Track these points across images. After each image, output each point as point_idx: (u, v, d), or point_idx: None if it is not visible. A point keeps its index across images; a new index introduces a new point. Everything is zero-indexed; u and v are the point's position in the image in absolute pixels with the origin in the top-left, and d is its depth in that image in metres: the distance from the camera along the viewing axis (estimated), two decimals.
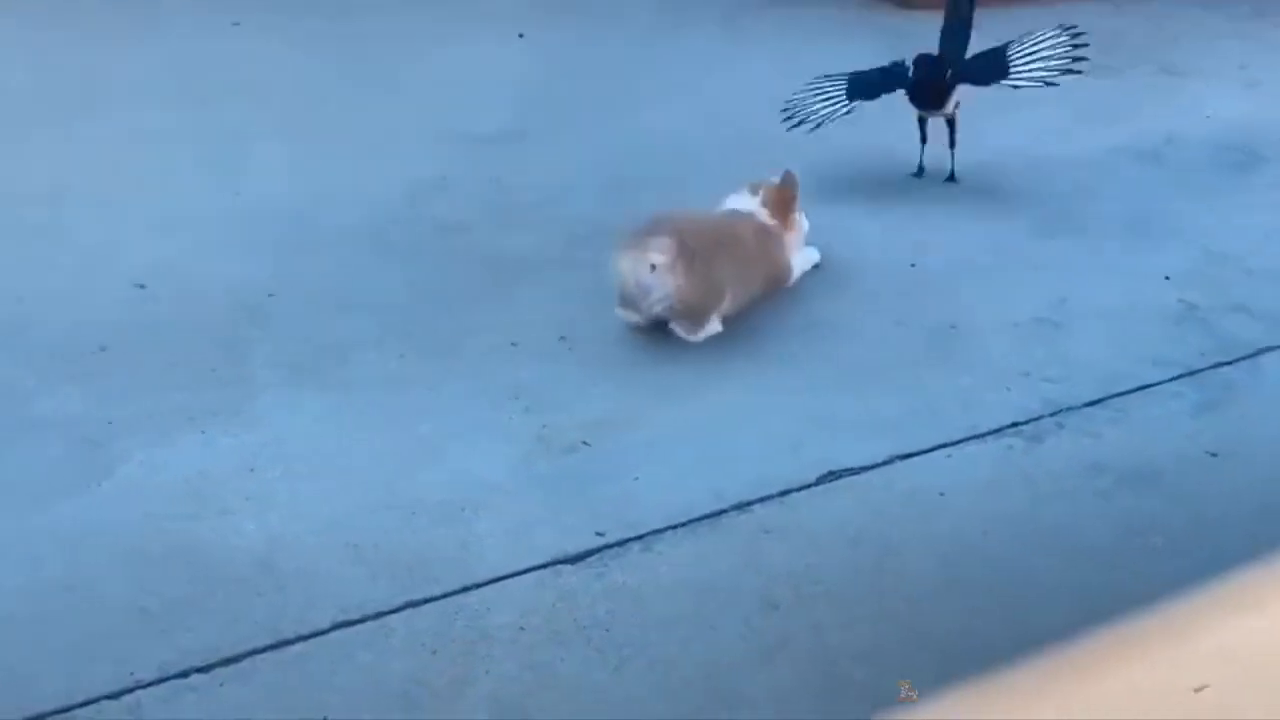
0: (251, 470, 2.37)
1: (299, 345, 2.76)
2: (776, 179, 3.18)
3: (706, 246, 2.92)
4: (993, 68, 3.65)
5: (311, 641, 2.01)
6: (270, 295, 2.94)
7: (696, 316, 2.90)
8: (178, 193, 3.42)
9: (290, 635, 2.01)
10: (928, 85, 3.66)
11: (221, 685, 1.93)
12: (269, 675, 1.95)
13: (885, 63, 3.81)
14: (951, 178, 3.73)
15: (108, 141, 3.70)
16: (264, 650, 1.98)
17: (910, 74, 3.68)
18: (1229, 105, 4.54)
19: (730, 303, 2.96)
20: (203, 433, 2.47)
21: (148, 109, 3.95)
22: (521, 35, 4.71)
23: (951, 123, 3.74)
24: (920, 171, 3.75)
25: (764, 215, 3.14)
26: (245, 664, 1.96)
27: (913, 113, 3.75)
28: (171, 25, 4.67)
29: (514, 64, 4.50)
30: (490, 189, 3.56)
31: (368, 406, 2.58)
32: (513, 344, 2.82)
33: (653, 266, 2.82)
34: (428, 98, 4.19)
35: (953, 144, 3.76)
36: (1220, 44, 5.25)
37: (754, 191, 3.18)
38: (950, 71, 3.67)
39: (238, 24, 4.69)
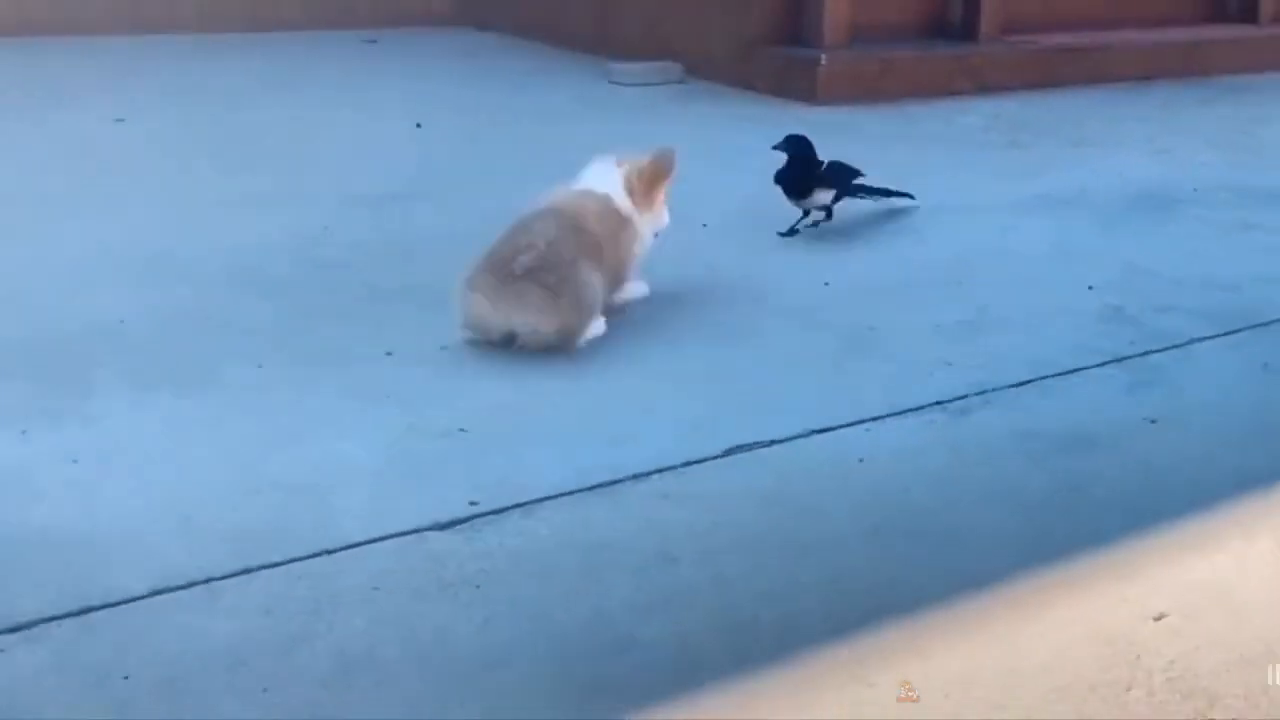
0: (75, 461, 2.09)
1: (149, 361, 2.52)
2: (647, 157, 2.89)
3: (570, 262, 2.60)
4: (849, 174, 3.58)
5: (121, 607, 1.71)
6: (121, 321, 2.69)
7: (573, 339, 2.63)
8: (41, 242, 3.22)
9: (96, 602, 1.71)
10: (795, 179, 3.46)
11: (2, 651, 1.63)
12: (64, 639, 1.65)
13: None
14: (792, 231, 3.48)
15: None
16: (62, 617, 1.68)
17: (793, 153, 3.47)
18: (1140, 167, 4.52)
19: (604, 301, 2.71)
20: (23, 432, 2.19)
21: (23, 177, 3.80)
22: (419, 125, 4.66)
23: (828, 210, 3.54)
24: (792, 232, 3.49)
25: (622, 196, 2.82)
26: (37, 629, 1.66)
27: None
28: (58, 118, 4.57)
29: (406, 147, 4.43)
30: (372, 235, 3.38)
31: (223, 406, 2.33)
32: (388, 353, 2.58)
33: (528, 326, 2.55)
34: (315, 169, 4.07)
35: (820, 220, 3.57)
36: (1128, 124, 5.30)
37: (619, 165, 2.87)
38: (819, 170, 3.46)
39: (121, 120, 4.56)
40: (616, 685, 1.64)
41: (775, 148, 3.49)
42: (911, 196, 3.75)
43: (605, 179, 2.81)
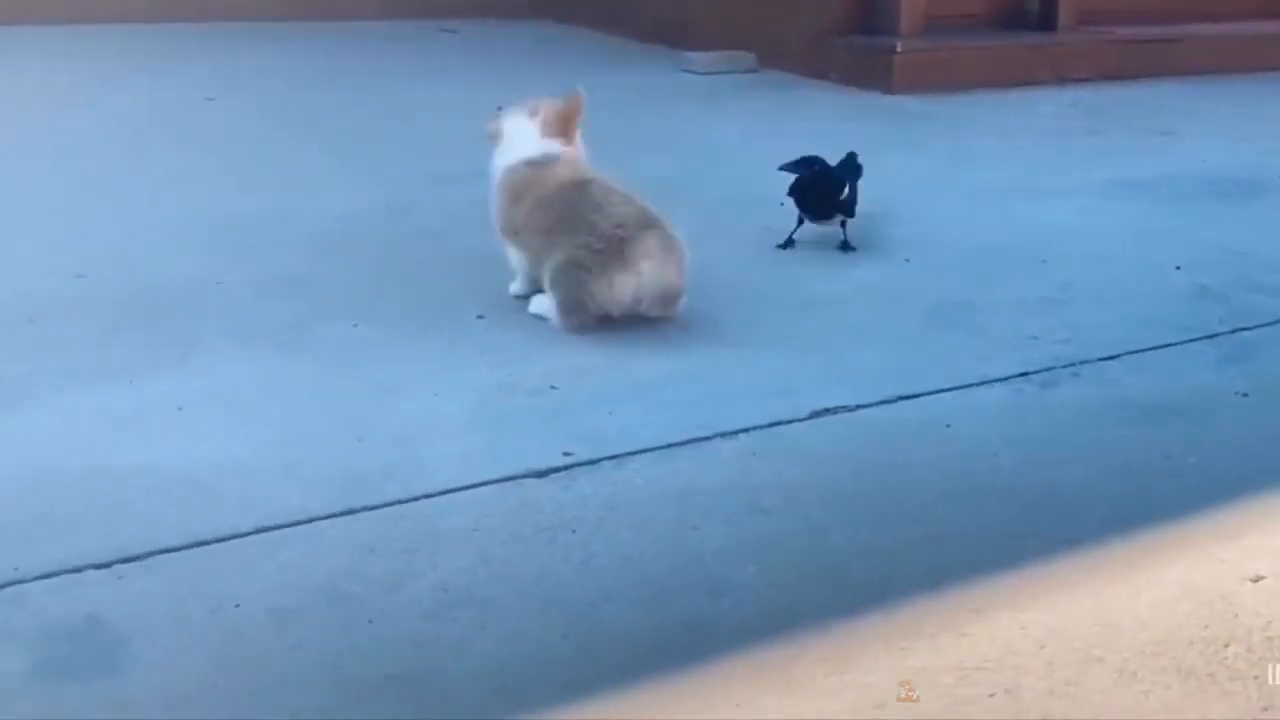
0: (181, 408, 2.15)
1: (248, 319, 2.57)
2: (557, 100, 2.82)
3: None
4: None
5: (229, 542, 1.76)
6: (220, 282, 2.76)
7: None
8: (143, 209, 3.30)
9: (206, 537, 1.76)
10: (816, 201, 3.19)
11: (120, 579, 1.68)
12: (177, 570, 1.70)
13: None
14: (846, 246, 3.18)
15: (87, 172, 3.63)
16: (174, 550, 1.74)
17: (804, 174, 3.22)
18: (1222, 154, 4.46)
19: None
20: (132, 382, 2.25)
21: (124, 149, 3.90)
22: (500, 108, 4.73)
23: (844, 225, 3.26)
24: (789, 243, 3.19)
25: (540, 137, 2.75)
26: (150, 560, 1.71)
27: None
28: (154, 98, 4.64)
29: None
30: (460, 207, 3.36)
31: (320, 362, 2.38)
32: (480, 316, 2.62)
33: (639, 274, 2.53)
34: (401, 148, 4.10)
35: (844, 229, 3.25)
36: (1207, 113, 5.22)
37: (532, 114, 2.82)
38: (843, 195, 3.18)
39: (212, 99, 4.64)
40: (712, 625, 1.66)
41: (785, 168, 3.27)
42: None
43: (523, 128, 2.76)
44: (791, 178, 3.23)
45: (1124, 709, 1.55)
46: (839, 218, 3.25)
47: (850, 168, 3.39)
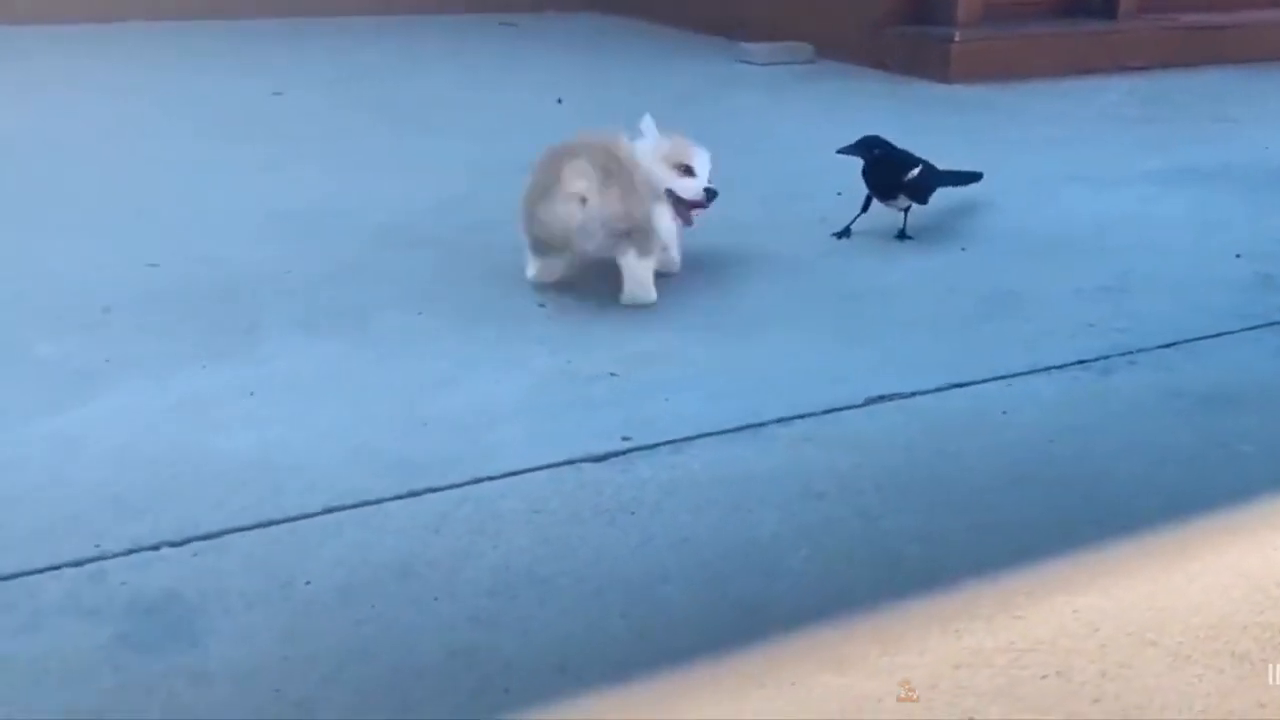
0: (252, 394, 2.22)
1: (314, 307, 2.63)
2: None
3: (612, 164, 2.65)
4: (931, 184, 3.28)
5: (298, 522, 1.82)
6: (288, 272, 2.83)
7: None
8: (212, 200, 3.39)
9: (276, 517, 1.83)
10: (881, 177, 3.20)
11: (195, 556, 1.74)
12: (248, 548, 1.77)
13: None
14: (903, 235, 3.20)
15: (155, 165, 3.73)
16: (247, 529, 1.80)
17: (871, 154, 3.21)
18: None
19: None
20: (204, 367, 2.32)
21: (192, 142, 4.00)
22: (560, 101, 4.78)
23: (908, 210, 3.26)
24: (846, 233, 3.17)
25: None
26: (224, 539, 1.78)
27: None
28: (221, 93, 4.73)
29: (547, 121, 4.50)
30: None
31: (383, 350, 2.44)
32: (540, 305, 2.68)
33: (582, 200, 2.56)
34: (461, 140, 4.16)
35: (906, 215, 3.25)
36: (1269, 101, 5.17)
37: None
38: (913, 174, 3.16)
39: (279, 94, 4.71)
40: (767, 606, 1.70)
41: (844, 151, 3.24)
42: (979, 176, 3.44)
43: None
44: (859, 162, 3.24)
45: (1177, 692, 1.56)
46: (907, 200, 3.24)
47: (962, 175, 3.39)
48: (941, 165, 3.35)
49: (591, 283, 2.74)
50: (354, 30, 6.04)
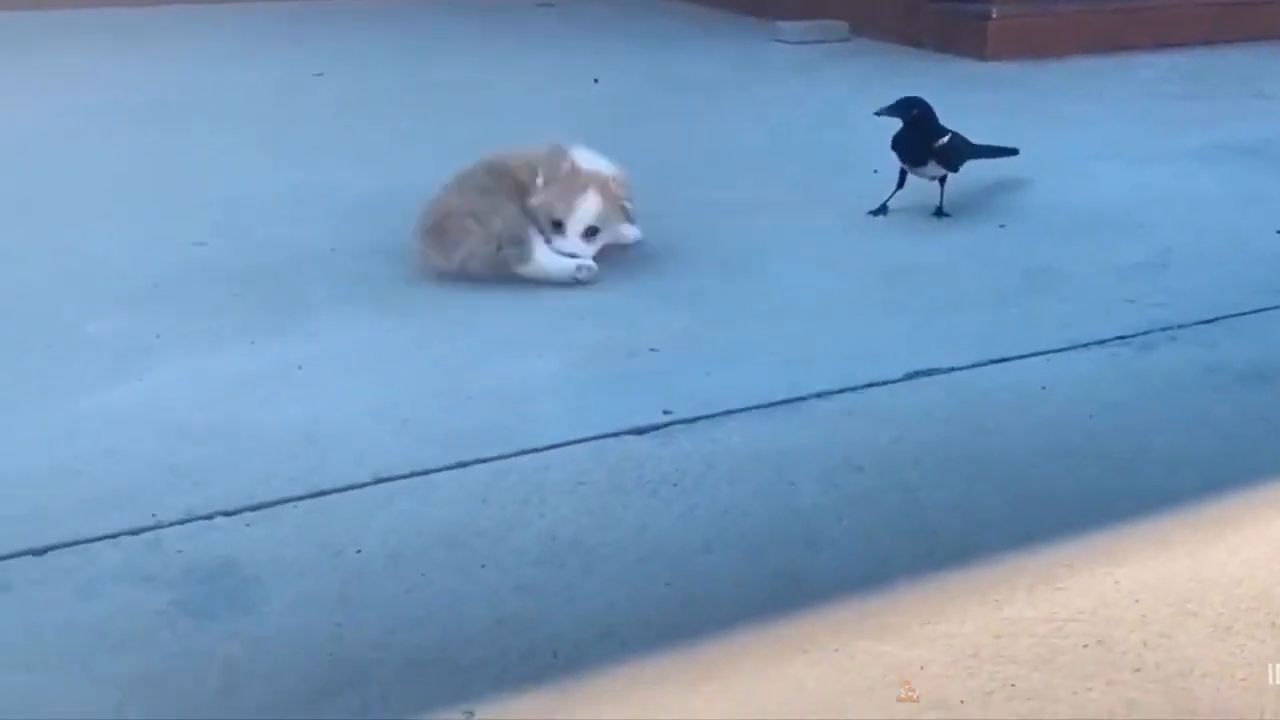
0: (299, 368, 2.26)
1: (360, 285, 2.67)
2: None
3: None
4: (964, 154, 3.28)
5: (349, 492, 1.86)
6: (333, 250, 2.87)
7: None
8: (250, 183, 3.42)
9: (326, 487, 1.87)
10: (913, 142, 3.19)
11: (248, 526, 1.78)
12: (300, 518, 1.81)
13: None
14: (940, 212, 3.19)
15: (200, 147, 3.79)
16: (298, 499, 1.84)
17: (910, 114, 3.19)
18: None
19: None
20: (252, 343, 2.37)
21: (236, 124, 4.05)
22: (596, 80, 4.79)
23: (943, 181, 3.24)
24: (883, 210, 3.17)
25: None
26: (276, 509, 1.82)
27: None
28: (264, 74, 4.78)
29: (583, 101, 4.53)
30: None
31: (429, 325, 2.48)
32: (579, 282, 2.71)
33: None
34: (499, 121, 4.15)
35: (942, 189, 3.23)
36: None
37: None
38: (943, 141, 3.15)
39: (320, 74, 4.75)
40: (807, 576, 1.72)
41: (882, 112, 3.22)
42: (1014, 151, 3.45)
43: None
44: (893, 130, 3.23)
45: (1218, 661, 1.58)
46: (939, 169, 3.22)
47: (997, 148, 3.38)
48: (978, 142, 3.36)
49: (629, 264, 2.78)
50: (395, 12, 6.08)
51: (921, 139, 3.22)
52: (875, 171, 3.43)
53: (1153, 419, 2.18)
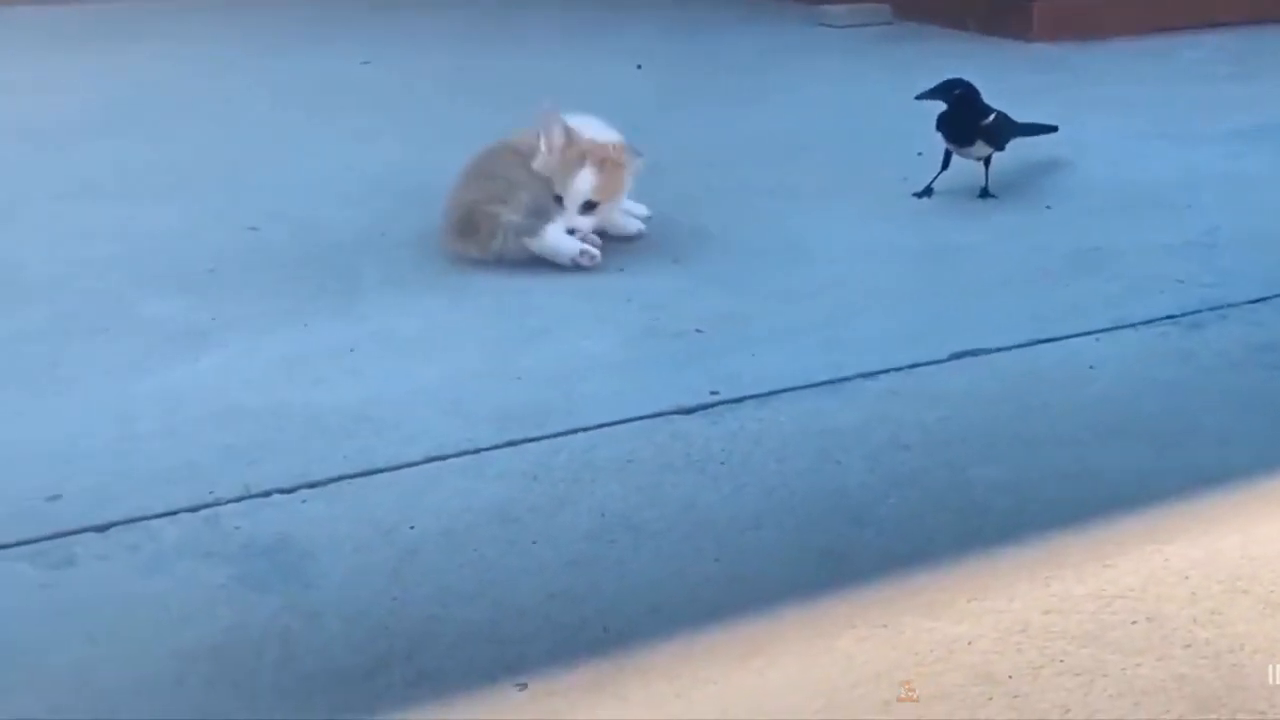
0: (352, 350, 2.30)
1: (411, 269, 2.70)
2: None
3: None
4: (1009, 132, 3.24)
5: (402, 471, 1.90)
6: (384, 234, 2.90)
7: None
8: (302, 169, 3.46)
9: (380, 465, 1.90)
10: (958, 122, 3.16)
11: (304, 503, 1.82)
12: (354, 495, 1.84)
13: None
14: (985, 193, 3.17)
15: (252, 133, 3.84)
16: (352, 477, 1.88)
17: (952, 94, 3.16)
18: None
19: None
20: (305, 325, 2.40)
21: (286, 112, 4.10)
22: (640, 66, 4.80)
23: (988, 162, 3.21)
24: (927, 192, 3.16)
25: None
26: (331, 487, 1.86)
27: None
28: (310, 63, 4.84)
29: (627, 86, 4.55)
30: None
31: (477, 307, 2.51)
32: (620, 269, 2.71)
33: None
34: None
35: (987, 170, 3.21)
36: None
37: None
38: (989, 119, 3.12)
39: (367, 63, 4.80)
40: (855, 553, 1.73)
41: (924, 96, 3.18)
42: (1055, 128, 3.41)
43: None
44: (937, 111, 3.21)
45: (1270, 638, 1.57)
46: (985, 148, 3.19)
47: (1037, 126, 3.34)
48: (1022, 120, 3.34)
49: (674, 247, 2.79)
50: (437, 2, 6.11)
51: (967, 118, 3.19)
52: (920, 154, 3.42)
53: (1202, 398, 2.17)
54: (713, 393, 2.13)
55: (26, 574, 1.69)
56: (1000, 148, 3.24)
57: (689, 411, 2.07)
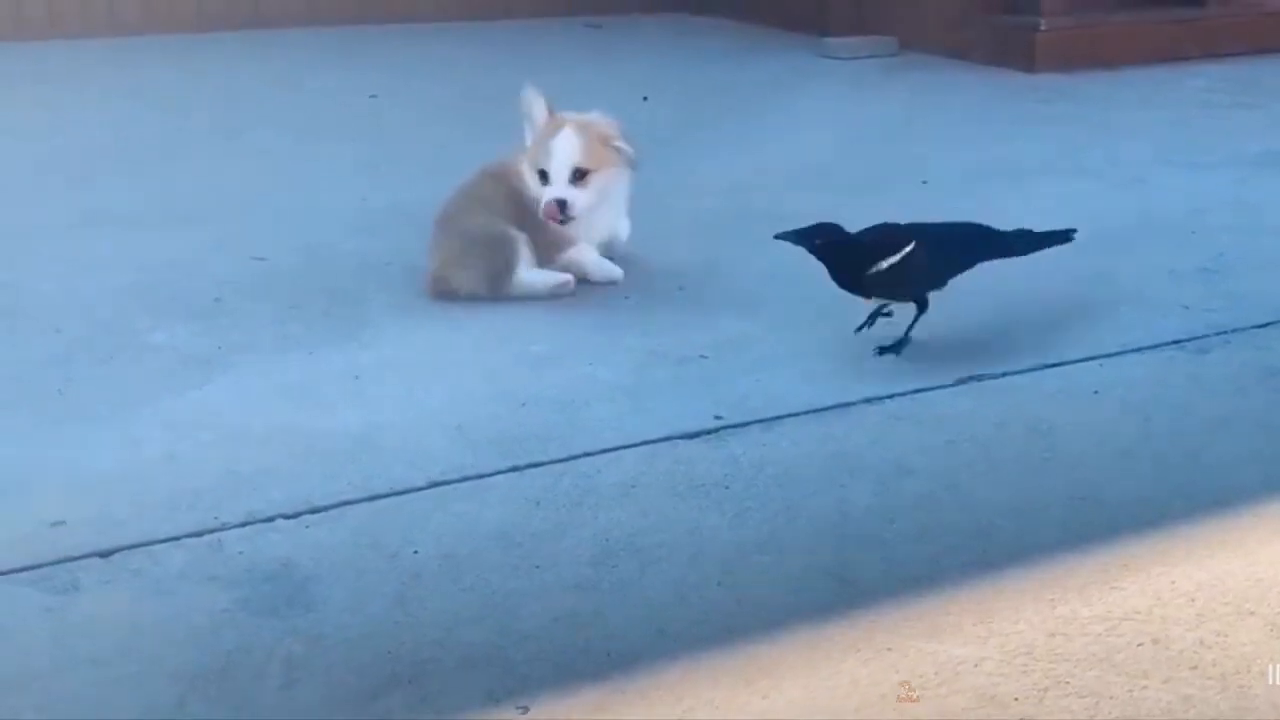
0: (356, 377, 2.30)
1: (415, 297, 2.70)
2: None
3: None
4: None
5: (406, 496, 1.90)
6: (388, 264, 2.92)
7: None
8: (308, 200, 3.49)
9: (383, 491, 1.90)
10: (840, 272, 2.40)
11: (307, 528, 1.82)
12: (358, 521, 1.84)
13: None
14: (884, 350, 2.38)
15: (259, 165, 3.87)
16: (355, 502, 1.88)
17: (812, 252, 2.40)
18: None
19: None
20: (310, 354, 2.41)
21: (293, 144, 4.14)
22: (646, 98, 4.83)
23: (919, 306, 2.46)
24: (868, 325, 2.42)
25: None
26: (334, 512, 1.86)
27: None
28: (318, 98, 4.88)
29: (633, 117, 4.56)
30: None
31: (482, 334, 2.52)
32: (626, 297, 2.72)
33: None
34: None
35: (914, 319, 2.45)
36: None
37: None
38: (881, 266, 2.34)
39: (375, 96, 4.84)
40: (859, 577, 1.73)
41: (783, 237, 2.41)
42: (1071, 235, 2.57)
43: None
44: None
45: (1275, 659, 1.56)
46: (890, 297, 2.45)
47: (1043, 235, 2.57)
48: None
49: (679, 275, 2.80)
50: (443, 35, 6.16)
51: (848, 266, 2.40)
52: (924, 182, 3.44)
53: (1208, 421, 2.17)
54: (717, 417, 2.12)
55: (31, 598, 1.69)
56: (913, 298, 2.44)
57: (693, 436, 2.07)
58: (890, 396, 2.22)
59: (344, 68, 5.34)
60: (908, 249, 2.40)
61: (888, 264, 2.38)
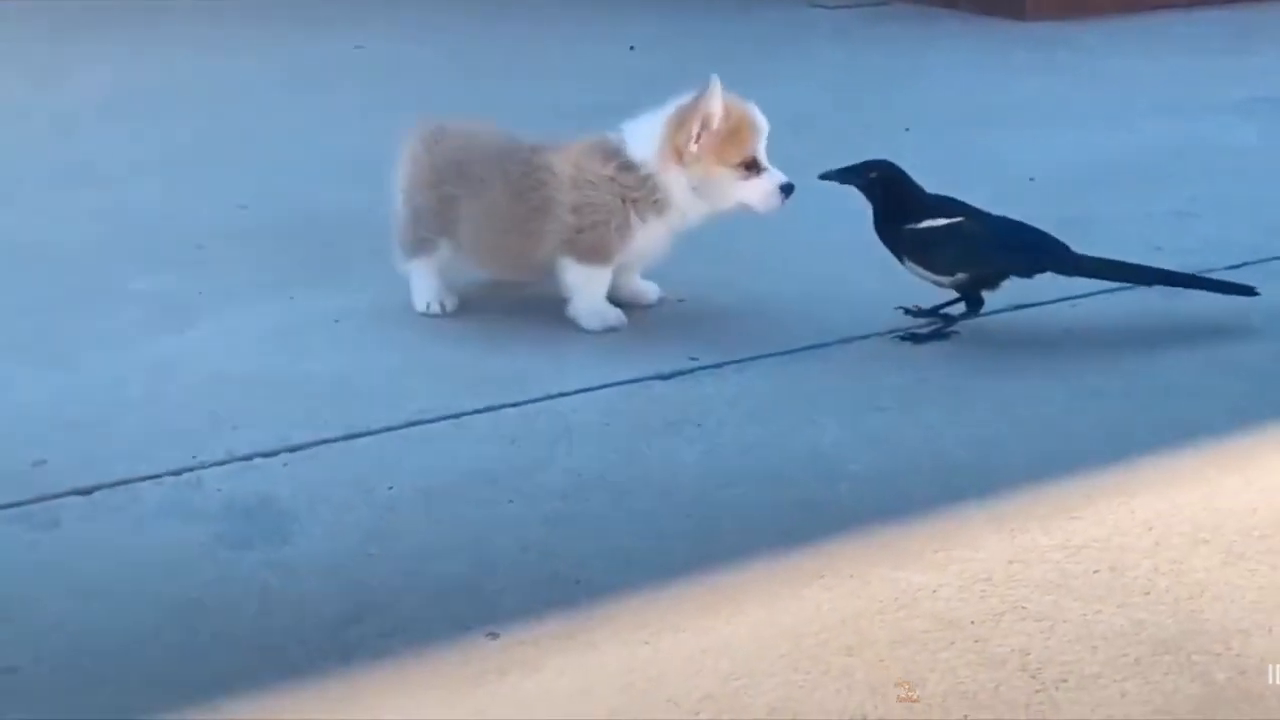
0: (337, 321, 2.33)
1: (394, 244, 2.66)
2: None
3: None
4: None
5: (385, 434, 1.93)
6: (370, 211, 2.88)
7: None
8: (292, 150, 3.49)
9: (361, 430, 1.94)
10: (882, 224, 2.32)
11: (285, 466, 1.86)
12: (335, 458, 1.88)
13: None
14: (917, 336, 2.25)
15: (244, 115, 3.87)
16: (334, 440, 1.91)
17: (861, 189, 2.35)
18: None
19: None
20: (291, 298, 2.43)
21: (278, 94, 4.13)
22: (632, 48, 4.82)
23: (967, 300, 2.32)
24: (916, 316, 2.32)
25: None
26: (313, 450, 1.89)
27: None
28: (304, 47, 4.86)
29: (619, 67, 4.56)
30: None
31: (459, 279, 2.47)
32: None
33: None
34: (532, 87, 4.17)
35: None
36: None
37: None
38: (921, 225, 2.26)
39: (360, 47, 4.80)
40: (828, 507, 1.76)
41: (829, 177, 2.35)
42: (1249, 291, 2.29)
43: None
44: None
45: (1228, 585, 1.60)
46: (923, 271, 2.30)
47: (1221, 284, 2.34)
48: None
49: None
50: None
51: (893, 217, 2.30)
52: (906, 129, 3.45)
53: (1180, 358, 2.20)
54: (691, 359, 2.15)
55: (14, 534, 1.73)
56: (951, 281, 2.26)
57: (666, 377, 2.10)
58: (863, 337, 2.24)
59: (331, 18, 5.28)
60: (957, 219, 2.29)
61: (929, 224, 2.25)
